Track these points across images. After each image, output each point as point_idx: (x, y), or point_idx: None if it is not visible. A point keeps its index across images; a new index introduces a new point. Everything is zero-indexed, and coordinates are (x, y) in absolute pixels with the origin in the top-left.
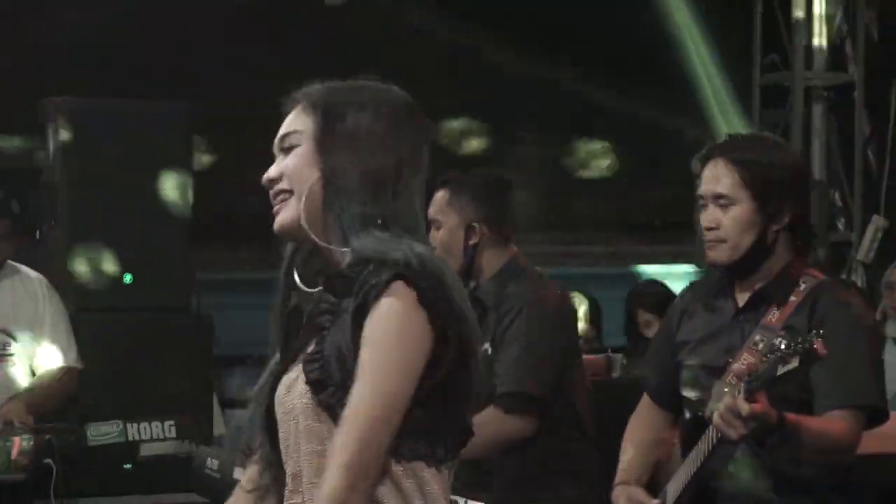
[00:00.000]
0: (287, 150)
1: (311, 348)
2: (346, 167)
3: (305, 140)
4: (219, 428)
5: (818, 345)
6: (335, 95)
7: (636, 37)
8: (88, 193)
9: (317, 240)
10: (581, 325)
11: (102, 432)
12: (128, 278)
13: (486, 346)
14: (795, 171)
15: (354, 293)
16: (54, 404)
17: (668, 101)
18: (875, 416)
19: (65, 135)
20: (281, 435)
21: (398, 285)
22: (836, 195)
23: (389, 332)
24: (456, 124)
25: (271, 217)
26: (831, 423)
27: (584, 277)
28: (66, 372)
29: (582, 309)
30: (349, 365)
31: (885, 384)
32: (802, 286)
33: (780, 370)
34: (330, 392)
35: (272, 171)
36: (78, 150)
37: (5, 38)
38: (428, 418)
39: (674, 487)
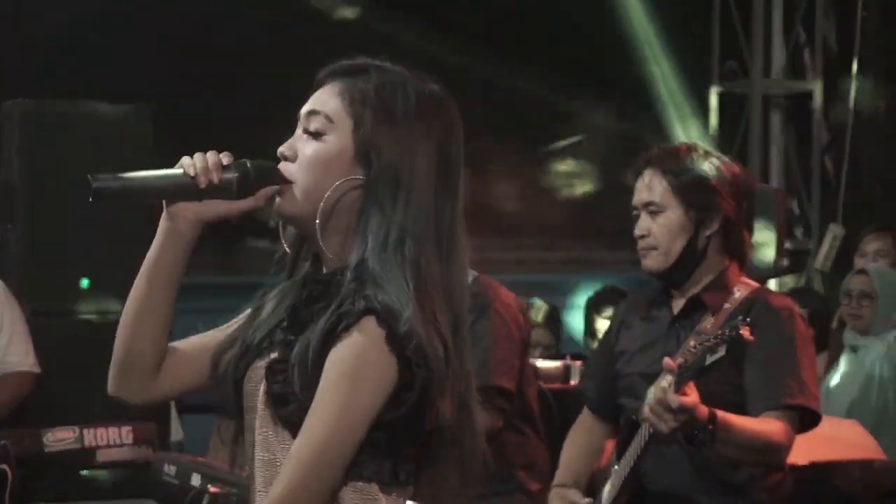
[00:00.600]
0: (313, 134)
1: (275, 354)
2: (386, 184)
3: (338, 135)
4: (176, 434)
5: (745, 331)
6: (385, 93)
7: (595, 43)
8: (46, 197)
9: (319, 238)
10: (540, 331)
11: (59, 438)
12: (85, 283)
13: None
14: (726, 178)
15: (331, 312)
16: (5, 410)
17: (626, 108)
18: (807, 419)
19: (23, 137)
20: (246, 421)
21: (369, 321)
22: (795, 203)
23: (347, 371)
24: None
25: (229, 222)
26: (763, 422)
27: (542, 284)
28: (20, 376)
29: (541, 314)
30: (311, 383)
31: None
32: (737, 294)
33: (709, 359)
34: (291, 409)
35: (285, 147)
36: (36, 153)
37: None
38: (392, 441)
39: (609, 488)
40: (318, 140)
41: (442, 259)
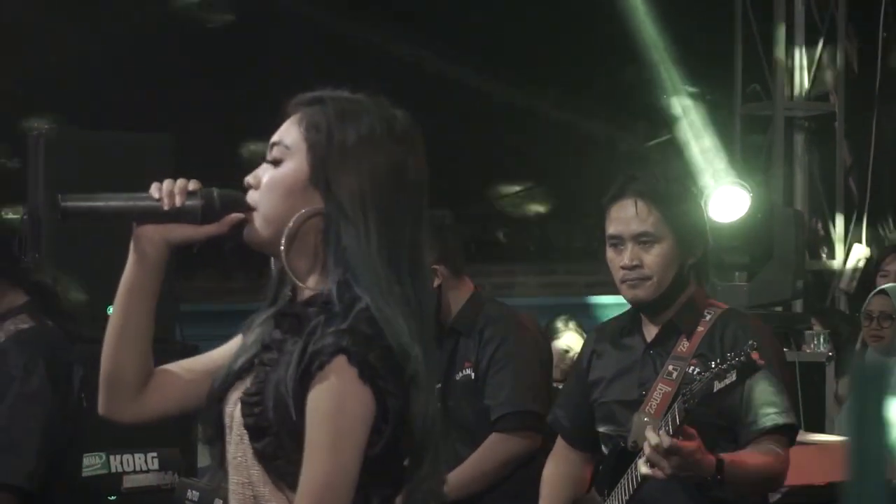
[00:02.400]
0: (272, 163)
1: (250, 385)
2: (342, 209)
3: (294, 161)
4: (202, 459)
5: (755, 355)
6: (339, 118)
7: (616, 66)
8: (71, 226)
9: (286, 266)
10: (570, 335)
11: (86, 464)
12: (111, 311)
13: (469, 371)
14: (702, 207)
15: (300, 351)
16: None
17: (648, 133)
18: (793, 433)
19: (48, 167)
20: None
21: (340, 360)
22: (819, 224)
23: (329, 413)
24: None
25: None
26: (764, 454)
27: (570, 307)
28: None
29: (571, 322)
30: (288, 418)
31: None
32: (708, 316)
33: (717, 386)
34: (266, 442)
35: (250, 177)
36: (62, 182)
37: None
38: (368, 476)
39: None
40: (276, 167)
41: (403, 280)
